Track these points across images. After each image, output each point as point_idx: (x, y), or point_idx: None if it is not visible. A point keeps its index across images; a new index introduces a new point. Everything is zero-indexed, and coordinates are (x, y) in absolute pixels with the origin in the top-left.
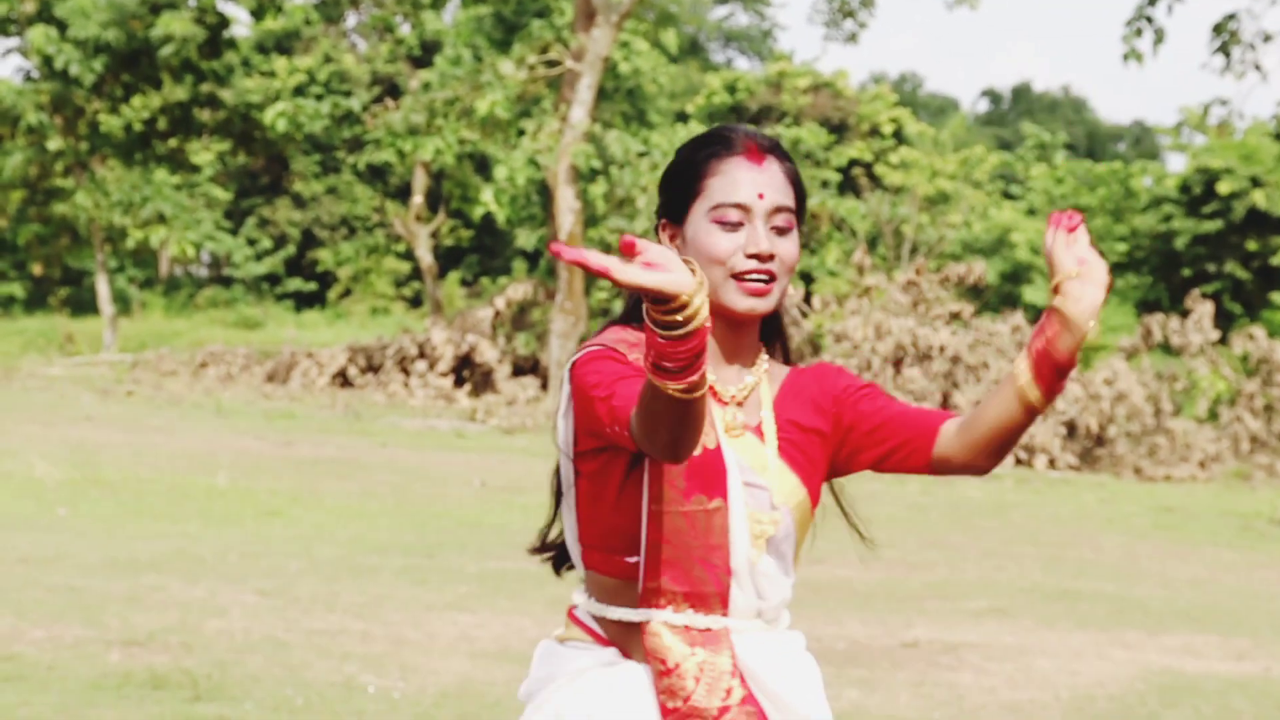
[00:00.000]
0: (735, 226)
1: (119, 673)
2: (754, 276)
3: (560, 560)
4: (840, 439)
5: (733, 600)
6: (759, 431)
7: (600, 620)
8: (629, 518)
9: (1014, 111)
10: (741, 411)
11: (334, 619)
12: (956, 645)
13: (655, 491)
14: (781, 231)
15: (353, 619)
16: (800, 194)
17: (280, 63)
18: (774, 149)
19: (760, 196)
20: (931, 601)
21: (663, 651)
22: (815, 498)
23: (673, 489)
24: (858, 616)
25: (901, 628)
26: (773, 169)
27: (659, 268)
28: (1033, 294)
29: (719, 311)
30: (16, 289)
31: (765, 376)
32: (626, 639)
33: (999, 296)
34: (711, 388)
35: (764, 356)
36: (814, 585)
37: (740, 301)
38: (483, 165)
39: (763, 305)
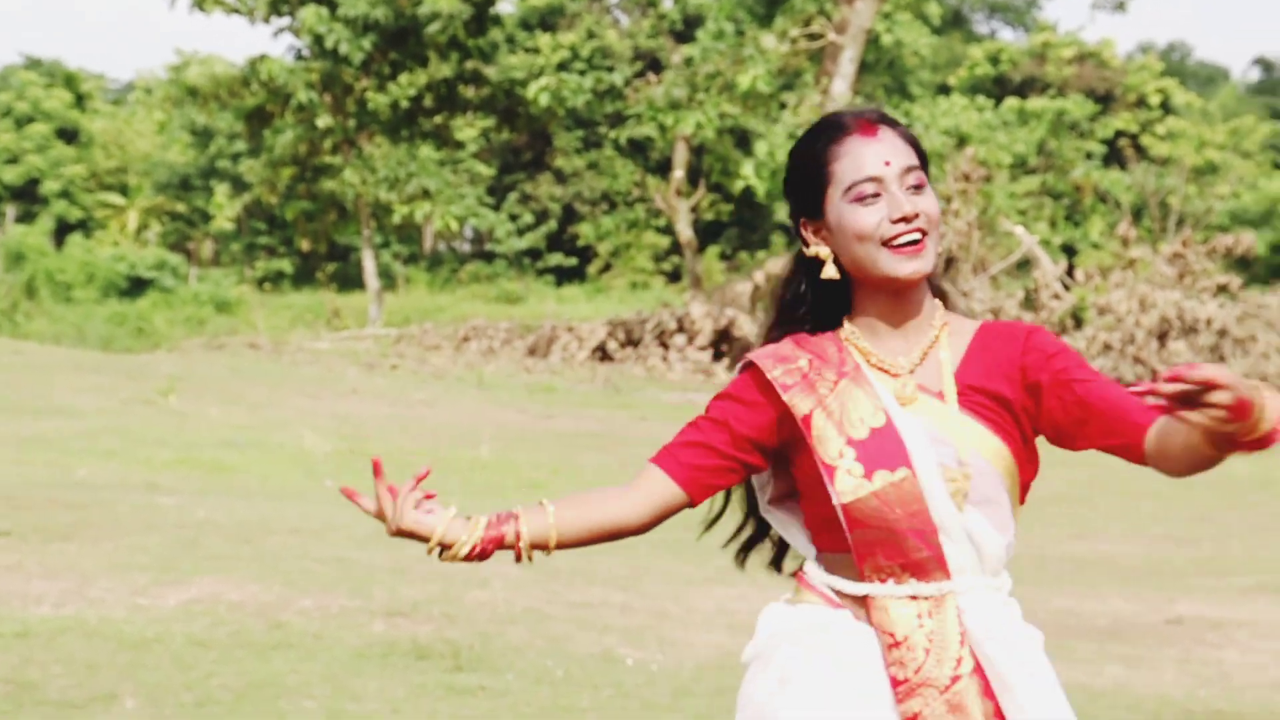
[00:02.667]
0: (874, 199)
1: (383, 642)
2: (905, 238)
3: (779, 556)
4: (1033, 411)
5: (949, 559)
6: (939, 395)
7: (833, 589)
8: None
9: None
10: (914, 377)
11: (594, 591)
12: (1223, 622)
13: (834, 487)
14: (917, 189)
15: (613, 591)
16: (922, 154)
17: (544, 39)
18: (883, 119)
19: (887, 164)
20: (1197, 578)
21: (890, 624)
22: (1017, 447)
23: (850, 477)
24: (1121, 592)
25: (1166, 604)
26: (889, 136)
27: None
28: None
29: (884, 285)
30: (285, 265)
31: (945, 335)
32: (856, 608)
33: (1269, 268)
34: (878, 364)
35: (940, 315)
36: (1077, 560)
37: (901, 267)
38: (743, 140)
39: (924, 264)
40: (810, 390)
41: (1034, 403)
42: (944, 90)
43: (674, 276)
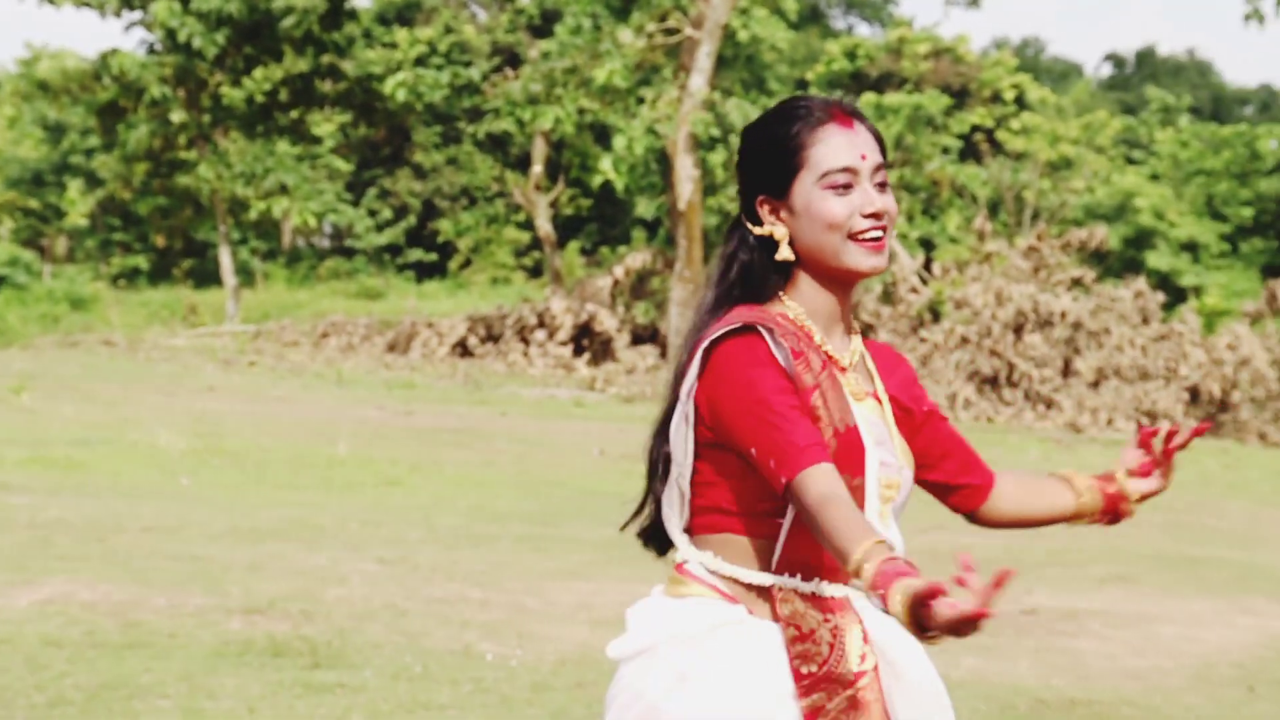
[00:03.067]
0: (846, 189)
1: (240, 640)
2: (872, 234)
3: (662, 541)
4: (911, 433)
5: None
6: (877, 397)
7: (727, 579)
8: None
9: (1138, 76)
10: (855, 375)
11: (453, 587)
12: (1077, 612)
13: None
14: (883, 187)
15: (472, 587)
16: (884, 151)
17: (401, 34)
18: (855, 112)
19: (863, 157)
20: (1052, 569)
21: (796, 618)
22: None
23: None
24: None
25: (1022, 595)
26: (863, 130)
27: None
28: (1156, 259)
29: (839, 276)
30: (141, 261)
31: (859, 340)
32: (753, 600)
33: (1122, 262)
34: (833, 358)
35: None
36: (934, 553)
37: (865, 261)
38: (602, 134)
39: (882, 261)
40: (808, 369)
41: (914, 429)
42: (802, 85)
43: (535, 272)
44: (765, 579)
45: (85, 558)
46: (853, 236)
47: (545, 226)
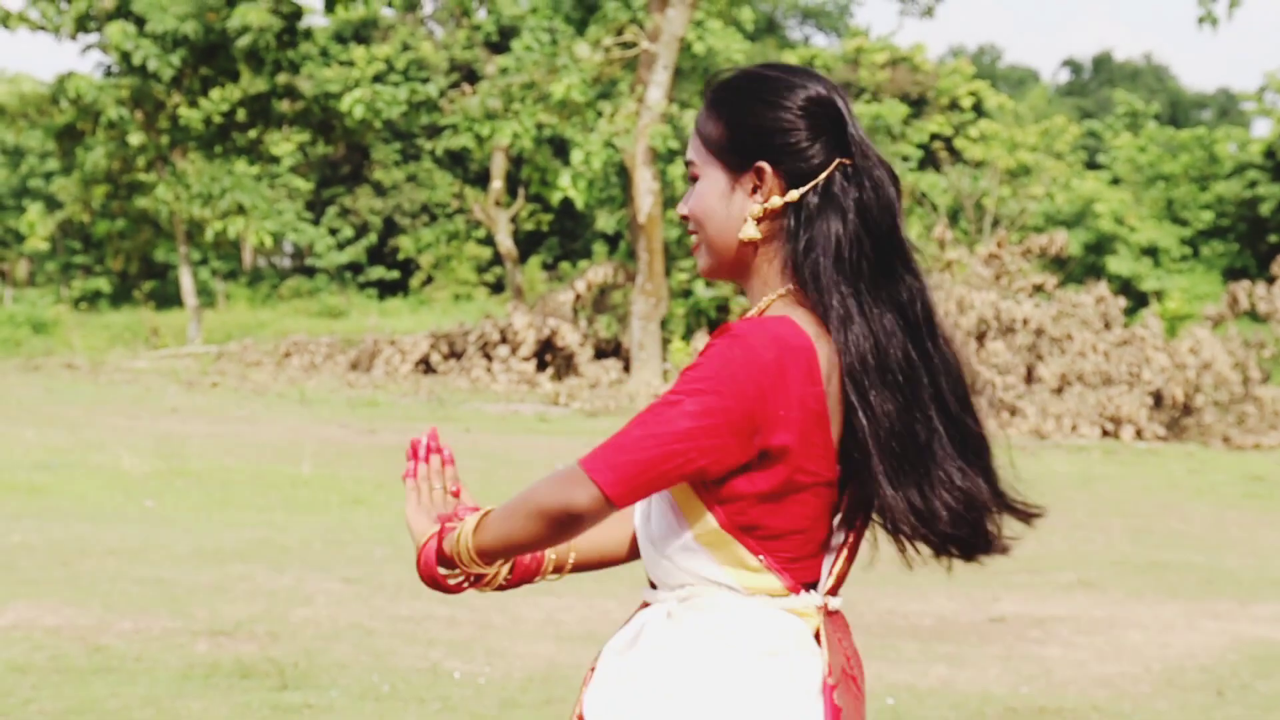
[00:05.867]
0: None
1: (206, 663)
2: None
3: None
4: None
5: (649, 574)
6: None
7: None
8: None
9: (1095, 81)
10: None
11: (419, 605)
12: (1045, 619)
13: None
14: (694, 183)
15: (438, 605)
16: (711, 130)
17: (358, 52)
18: (705, 96)
19: (689, 163)
20: (1019, 575)
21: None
22: None
23: None
24: (944, 592)
25: (989, 602)
26: (699, 123)
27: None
28: (1117, 264)
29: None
30: (103, 284)
31: None
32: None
33: (1083, 267)
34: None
35: (765, 303)
36: (899, 561)
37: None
38: (562, 149)
39: (700, 263)
40: None
41: None
42: None
43: (497, 288)
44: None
45: (49, 582)
46: None
47: (506, 242)
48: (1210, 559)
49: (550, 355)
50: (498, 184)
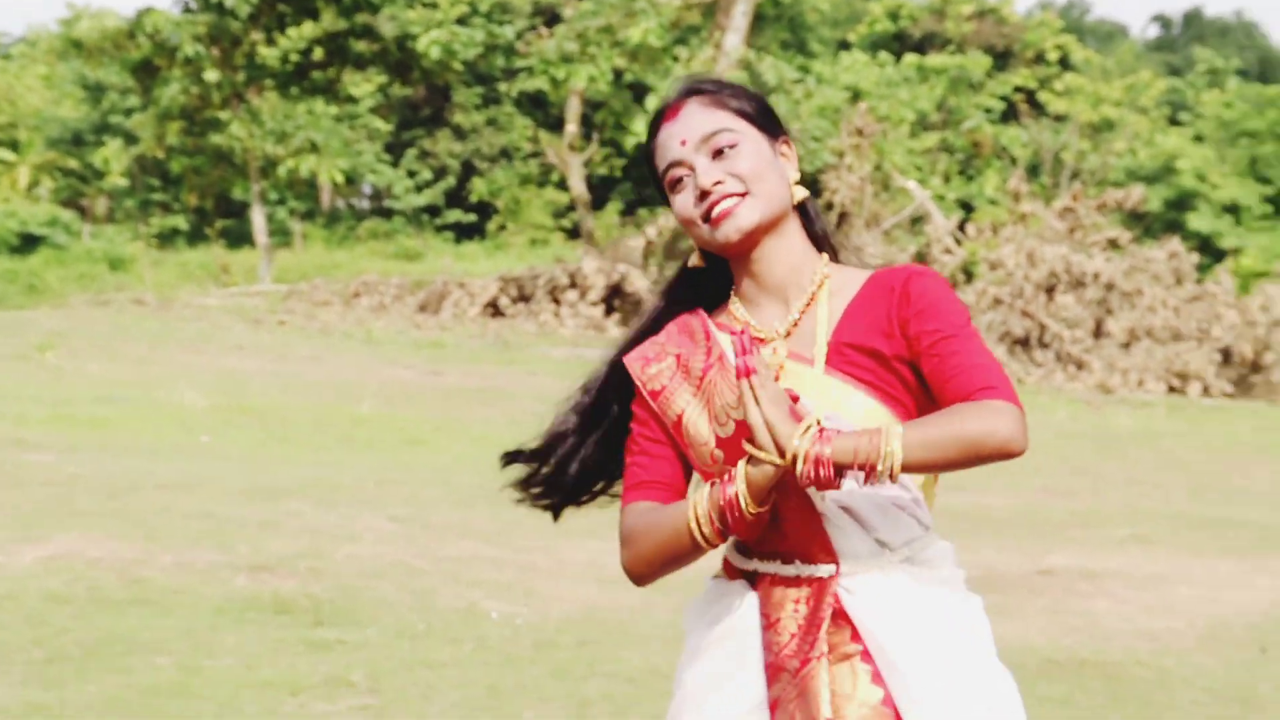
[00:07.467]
0: (681, 183)
1: (244, 597)
2: (716, 209)
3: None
4: (907, 364)
5: (834, 541)
6: (810, 360)
7: (735, 566)
8: None
9: (1185, 37)
10: (788, 343)
11: (466, 545)
12: (1096, 573)
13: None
14: (722, 153)
15: (485, 545)
16: (741, 104)
17: None
18: (691, 92)
19: (683, 143)
20: (1073, 529)
21: (769, 605)
22: (900, 403)
23: (714, 476)
24: (995, 543)
25: (1040, 555)
26: (689, 109)
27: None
28: (1198, 221)
29: (727, 255)
30: (180, 221)
31: (823, 294)
32: (754, 582)
33: (1164, 224)
34: (751, 332)
35: (821, 272)
36: (951, 513)
37: (719, 235)
38: (641, 95)
39: (740, 222)
40: (680, 387)
41: (913, 356)
42: (844, 46)
43: (574, 233)
44: (747, 563)
45: (97, 515)
46: (706, 220)
47: (579, 186)
48: (1269, 516)
49: (619, 301)
50: (572, 128)
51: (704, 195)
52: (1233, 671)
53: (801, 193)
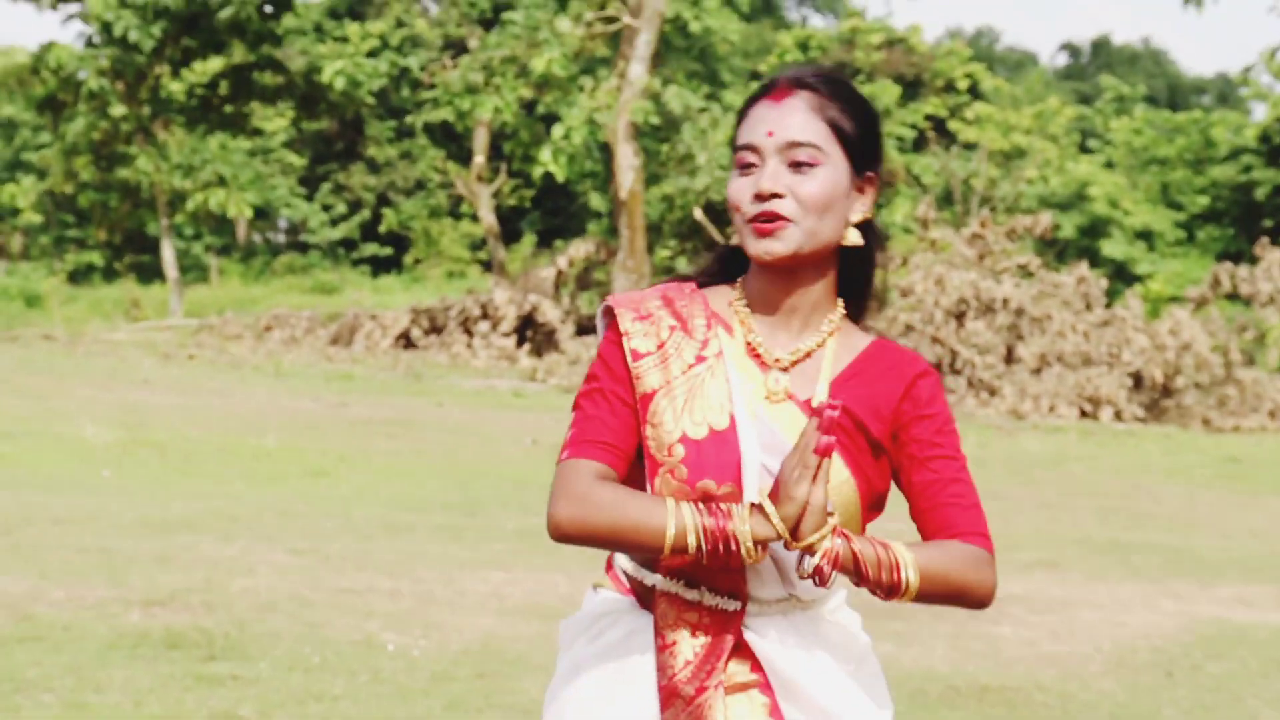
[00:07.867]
0: (750, 169)
1: (136, 632)
2: (760, 218)
3: None
4: (892, 458)
5: (751, 588)
6: (806, 405)
7: (631, 578)
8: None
9: (1093, 65)
10: (788, 377)
11: (363, 577)
12: (1000, 598)
13: (652, 481)
14: (800, 167)
15: (382, 577)
16: (845, 124)
17: (352, 28)
18: (804, 84)
19: (769, 134)
20: None
21: (664, 626)
22: (865, 486)
23: (672, 480)
24: None
25: None
26: (794, 105)
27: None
28: (1111, 248)
29: (753, 261)
30: (95, 258)
31: (832, 341)
32: (649, 600)
33: (1078, 250)
34: (754, 349)
35: (834, 318)
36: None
37: (753, 245)
38: (550, 125)
39: (775, 247)
40: (663, 366)
41: (894, 451)
42: (755, 77)
43: (490, 265)
44: (650, 578)
45: None
46: (750, 220)
47: (489, 217)
48: (1177, 540)
49: (531, 331)
50: (480, 159)
51: (758, 197)
52: (1138, 696)
53: (855, 236)
